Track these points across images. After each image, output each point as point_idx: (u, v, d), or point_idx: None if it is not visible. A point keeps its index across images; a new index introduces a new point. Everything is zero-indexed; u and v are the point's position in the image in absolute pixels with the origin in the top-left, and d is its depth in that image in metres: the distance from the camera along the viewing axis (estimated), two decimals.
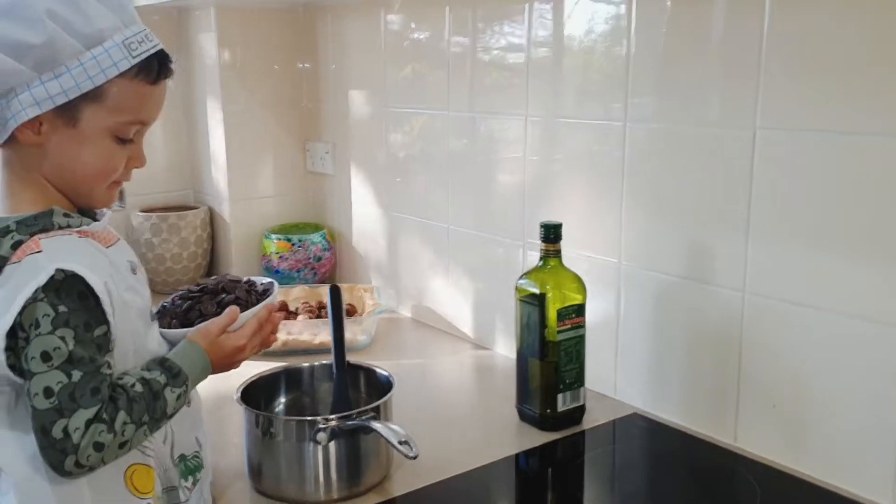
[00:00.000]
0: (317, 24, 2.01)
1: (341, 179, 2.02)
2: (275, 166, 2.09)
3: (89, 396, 0.84)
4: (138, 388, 0.89)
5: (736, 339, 1.20)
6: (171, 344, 1.00)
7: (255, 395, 1.16)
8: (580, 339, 1.28)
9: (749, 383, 1.20)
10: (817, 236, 1.09)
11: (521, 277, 1.29)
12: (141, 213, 2.03)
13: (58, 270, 0.84)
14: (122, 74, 0.89)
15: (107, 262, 0.90)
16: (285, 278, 1.98)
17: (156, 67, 0.92)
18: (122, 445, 0.87)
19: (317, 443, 1.06)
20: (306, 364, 1.25)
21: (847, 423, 1.09)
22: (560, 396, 1.28)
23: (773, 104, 1.12)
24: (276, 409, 1.22)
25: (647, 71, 1.28)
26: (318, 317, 1.70)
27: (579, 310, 1.27)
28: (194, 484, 1.01)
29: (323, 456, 1.08)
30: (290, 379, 1.24)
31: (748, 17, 1.13)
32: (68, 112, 0.88)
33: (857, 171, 1.04)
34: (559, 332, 1.26)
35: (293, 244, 1.97)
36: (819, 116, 1.07)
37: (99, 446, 0.84)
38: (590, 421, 1.31)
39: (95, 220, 0.95)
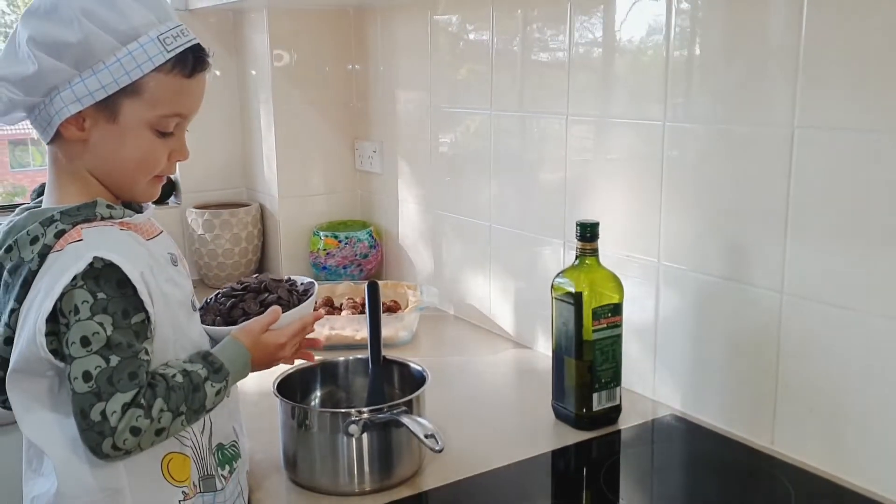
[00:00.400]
0: (366, 25, 2.04)
1: (388, 178, 2.05)
2: (324, 165, 2.13)
3: (127, 380, 0.88)
4: (179, 378, 0.92)
5: (774, 341, 1.19)
6: (215, 340, 1.03)
7: (292, 387, 1.19)
8: (616, 339, 1.28)
9: (786, 386, 1.18)
10: (855, 237, 1.07)
11: (557, 276, 1.30)
12: (195, 210, 2.09)
13: (96, 258, 0.87)
14: (158, 69, 0.92)
15: (146, 253, 0.94)
16: (332, 274, 2.02)
17: (191, 61, 0.95)
18: (158, 432, 0.90)
19: (349, 435, 1.08)
20: (342, 358, 1.28)
21: (885, 428, 1.07)
22: (595, 396, 1.28)
23: (812, 103, 1.10)
24: (312, 402, 1.25)
25: (686, 71, 1.27)
26: (362, 313, 1.73)
27: (615, 309, 1.27)
28: (231, 472, 1.04)
29: (356, 448, 1.10)
30: (326, 373, 1.26)
31: (786, 16, 1.11)
32: (109, 107, 0.92)
33: None
34: (595, 331, 1.26)
35: (340, 241, 2.01)
36: (858, 115, 1.05)
37: (136, 430, 0.88)
38: (626, 421, 1.31)
39: (139, 212, 0.99)
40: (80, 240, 0.90)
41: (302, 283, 1.15)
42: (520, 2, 1.57)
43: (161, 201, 2.18)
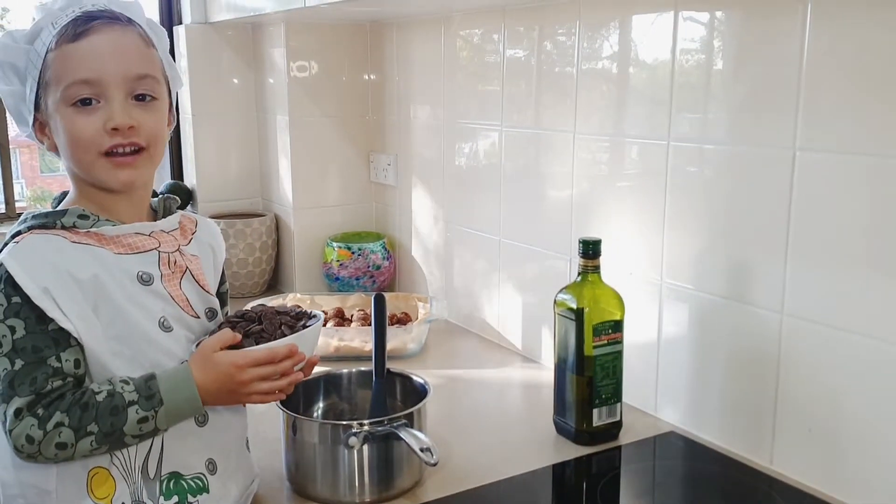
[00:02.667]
0: (383, 38, 2.07)
1: (402, 190, 2.07)
2: (339, 176, 2.16)
3: (27, 386, 0.89)
4: (101, 396, 0.90)
5: (773, 361, 1.19)
6: None
7: (295, 399, 1.20)
8: (617, 355, 1.29)
9: (786, 406, 1.19)
10: (856, 260, 1.08)
11: (560, 291, 1.31)
12: (210, 219, 2.12)
13: (0, 265, 0.90)
14: (50, 50, 0.95)
15: (89, 266, 0.93)
16: (345, 285, 2.04)
17: (72, 26, 0.95)
18: (60, 446, 0.89)
19: (349, 447, 1.10)
20: (345, 370, 1.30)
21: (884, 450, 1.07)
22: (596, 411, 1.29)
23: (813, 125, 1.11)
24: (315, 414, 1.27)
25: (690, 92, 1.29)
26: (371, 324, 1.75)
27: (616, 326, 1.28)
28: None
29: (356, 460, 1.12)
30: (329, 384, 1.29)
31: (788, 38, 1.12)
32: (42, 107, 0.97)
33: None
34: (595, 347, 1.27)
35: (353, 253, 2.03)
36: (859, 138, 1.06)
37: (30, 439, 0.89)
38: (626, 437, 1.32)
39: (122, 222, 0.99)
40: (17, 243, 0.93)
41: (307, 321, 1.04)
42: (531, 20, 1.59)
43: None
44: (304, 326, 1.03)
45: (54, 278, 0.91)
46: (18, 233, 0.95)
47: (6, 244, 0.95)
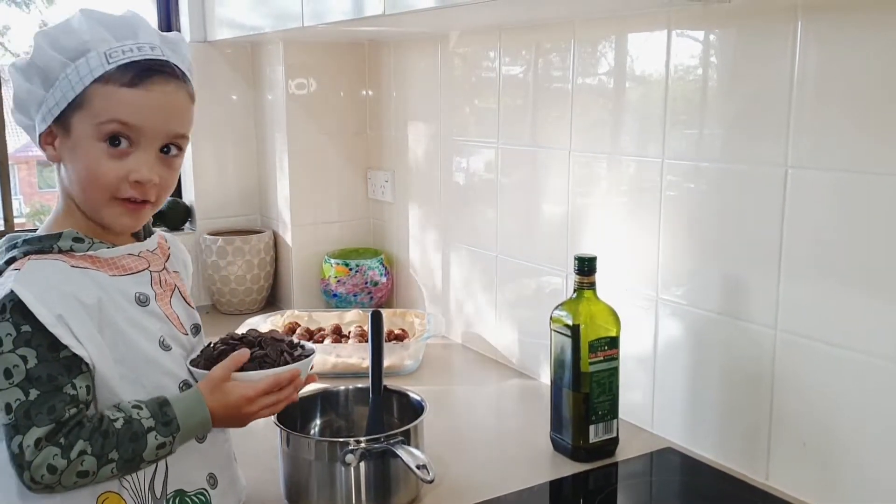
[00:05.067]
0: (380, 57, 2.09)
1: (400, 207, 2.08)
2: (337, 193, 2.17)
3: (45, 415, 0.88)
4: (118, 424, 0.91)
5: (768, 377, 1.20)
6: (195, 380, 1.01)
7: (292, 416, 1.21)
8: (613, 372, 1.30)
9: (781, 422, 1.19)
10: (849, 276, 1.09)
11: (556, 308, 1.32)
12: (208, 236, 2.13)
13: (10, 293, 0.89)
14: (97, 80, 0.93)
15: (94, 291, 0.93)
16: (343, 302, 2.05)
17: (133, 70, 0.94)
18: (82, 475, 0.89)
19: (346, 464, 1.11)
20: (342, 387, 1.31)
21: (877, 465, 1.08)
22: (592, 428, 1.29)
23: (804, 144, 1.12)
24: (312, 431, 1.27)
25: (684, 110, 1.30)
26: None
27: (612, 342, 1.29)
28: None
29: (353, 477, 1.12)
30: (326, 402, 1.29)
31: (779, 58, 1.14)
32: (64, 122, 0.95)
33: (889, 212, 1.04)
34: (591, 363, 1.27)
35: (351, 269, 2.04)
36: (850, 156, 1.07)
37: (52, 469, 0.88)
38: (623, 453, 1.32)
39: (115, 244, 0.99)
40: (18, 269, 0.92)
41: (302, 350, 1.07)
42: (526, 40, 1.60)
43: (176, 227, 2.23)
44: (303, 355, 1.05)
45: (64, 305, 0.91)
46: (13, 258, 0.94)
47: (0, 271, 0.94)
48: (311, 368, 1.07)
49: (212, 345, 1.04)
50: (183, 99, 0.98)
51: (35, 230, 1.01)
